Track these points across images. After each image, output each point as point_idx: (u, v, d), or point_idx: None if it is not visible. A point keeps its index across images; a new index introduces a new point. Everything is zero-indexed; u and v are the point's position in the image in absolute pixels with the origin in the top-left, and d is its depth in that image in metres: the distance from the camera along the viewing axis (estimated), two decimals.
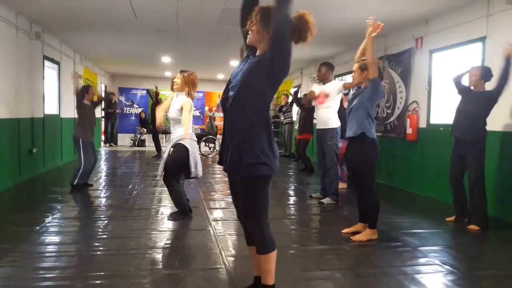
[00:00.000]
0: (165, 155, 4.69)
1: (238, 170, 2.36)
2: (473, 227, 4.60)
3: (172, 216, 4.76)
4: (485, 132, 4.61)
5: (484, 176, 4.62)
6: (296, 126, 10.29)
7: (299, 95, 9.30)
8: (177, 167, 4.59)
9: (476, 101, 4.62)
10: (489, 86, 4.63)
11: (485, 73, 4.65)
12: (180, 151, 4.53)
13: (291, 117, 11.66)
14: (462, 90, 4.85)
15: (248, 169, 2.33)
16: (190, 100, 4.62)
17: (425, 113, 6.67)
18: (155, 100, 11.31)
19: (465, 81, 4.84)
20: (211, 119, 13.32)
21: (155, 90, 11.36)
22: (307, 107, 8.78)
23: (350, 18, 6.63)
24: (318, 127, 5.91)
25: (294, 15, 2.38)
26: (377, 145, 4.09)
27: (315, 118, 6.09)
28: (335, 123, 5.72)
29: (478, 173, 4.59)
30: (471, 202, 4.72)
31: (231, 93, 2.40)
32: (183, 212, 4.73)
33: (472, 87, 4.74)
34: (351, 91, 4.42)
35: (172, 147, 4.63)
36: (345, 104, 6.04)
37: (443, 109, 6.21)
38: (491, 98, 4.54)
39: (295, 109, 11.21)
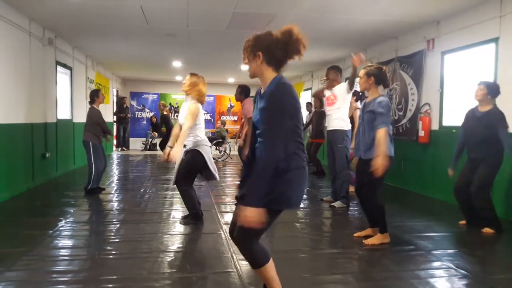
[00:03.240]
0: (178, 161, 4.69)
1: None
2: (487, 230, 4.52)
3: (184, 220, 4.77)
4: (501, 148, 4.42)
5: (491, 188, 4.50)
6: (308, 133, 10.21)
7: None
8: (190, 172, 4.60)
9: (482, 124, 4.47)
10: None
11: (493, 89, 4.51)
12: (194, 156, 4.54)
13: None
14: (465, 119, 4.72)
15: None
16: (195, 103, 4.58)
17: (438, 115, 6.60)
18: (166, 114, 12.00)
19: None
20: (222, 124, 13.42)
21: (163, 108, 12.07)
22: (318, 111, 8.76)
23: (361, 20, 6.61)
24: (328, 128, 5.89)
25: (281, 31, 2.29)
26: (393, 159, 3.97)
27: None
28: (345, 125, 5.68)
29: (486, 182, 4.47)
30: (479, 208, 4.60)
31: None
32: (195, 217, 4.73)
33: (477, 103, 4.60)
34: (359, 102, 4.36)
35: (185, 152, 4.63)
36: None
37: (455, 111, 6.14)
38: (494, 125, 4.40)
39: (304, 114, 11.17)
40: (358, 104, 6.42)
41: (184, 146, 4.62)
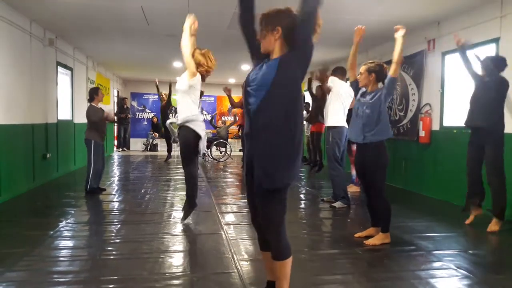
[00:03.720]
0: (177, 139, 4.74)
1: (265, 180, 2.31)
2: (493, 228, 4.53)
3: (185, 216, 4.78)
4: (503, 120, 4.52)
5: (503, 166, 4.53)
6: (306, 129, 10.14)
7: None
8: (188, 150, 4.57)
9: (488, 88, 4.54)
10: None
11: (498, 63, 4.59)
12: (187, 134, 4.51)
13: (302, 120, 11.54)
14: (475, 77, 4.77)
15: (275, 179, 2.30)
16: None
17: (438, 115, 6.60)
18: (165, 103, 11.81)
19: (476, 67, 4.81)
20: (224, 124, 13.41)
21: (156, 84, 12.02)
22: (320, 98, 8.75)
23: (362, 21, 6.55)
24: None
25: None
26: (386, 147, 4.06)
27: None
28: (332, 121, 5.72)
29: (497, 162, 4.52)
30: (491, 191, 4.61)
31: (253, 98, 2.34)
32: (191, 204, 4.72)
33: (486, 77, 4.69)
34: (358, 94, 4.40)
35: (179, 127, 4.61)
36: None
37: (456, 112, 6.14)
38: (498, 89, 4.48)
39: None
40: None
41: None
